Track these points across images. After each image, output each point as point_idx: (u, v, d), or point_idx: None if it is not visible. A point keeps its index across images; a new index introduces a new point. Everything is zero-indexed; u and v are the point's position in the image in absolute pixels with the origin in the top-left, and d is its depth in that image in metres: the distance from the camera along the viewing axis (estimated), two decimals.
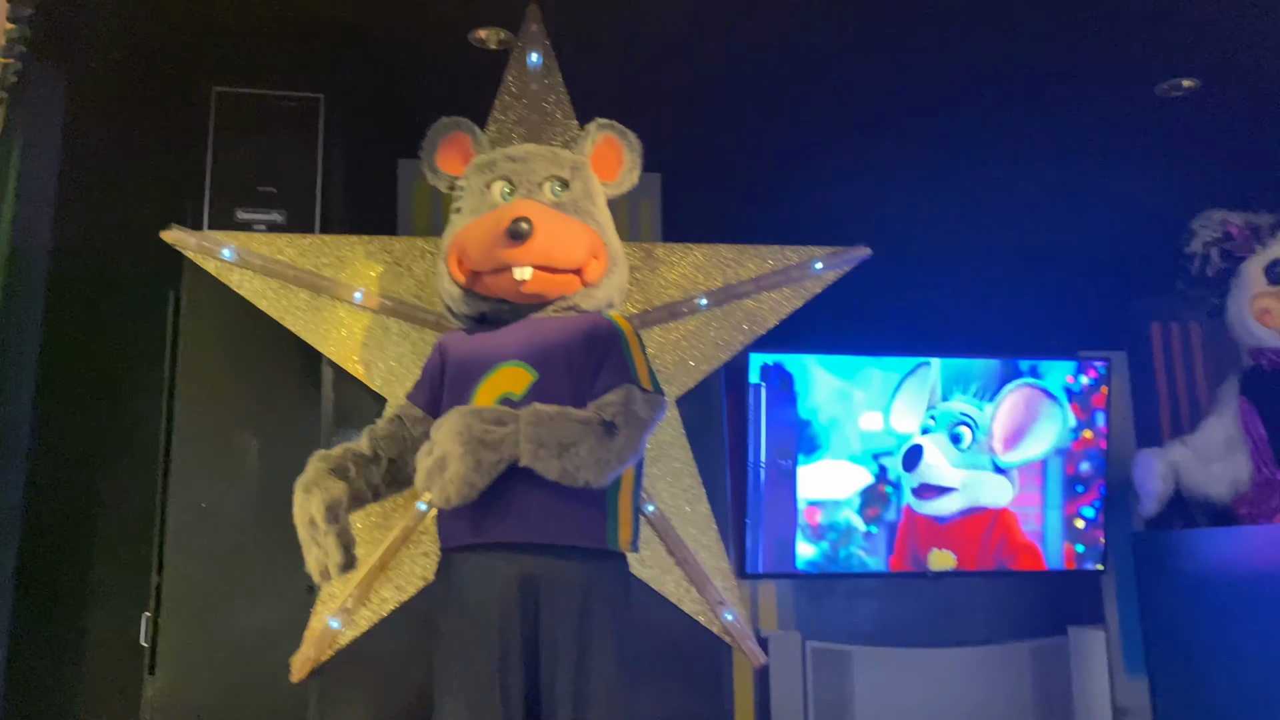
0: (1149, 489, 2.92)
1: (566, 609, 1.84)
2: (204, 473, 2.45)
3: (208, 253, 2.33)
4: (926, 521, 2.89)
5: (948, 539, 2.90)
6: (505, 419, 1.76)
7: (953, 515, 2.90)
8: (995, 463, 2.95)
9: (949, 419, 2.91)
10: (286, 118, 2.72)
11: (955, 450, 2.91)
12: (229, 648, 2.38)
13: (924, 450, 2.88)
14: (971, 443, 2.92)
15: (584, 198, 2.09)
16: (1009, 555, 2.95)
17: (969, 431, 2.92)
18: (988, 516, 2.93)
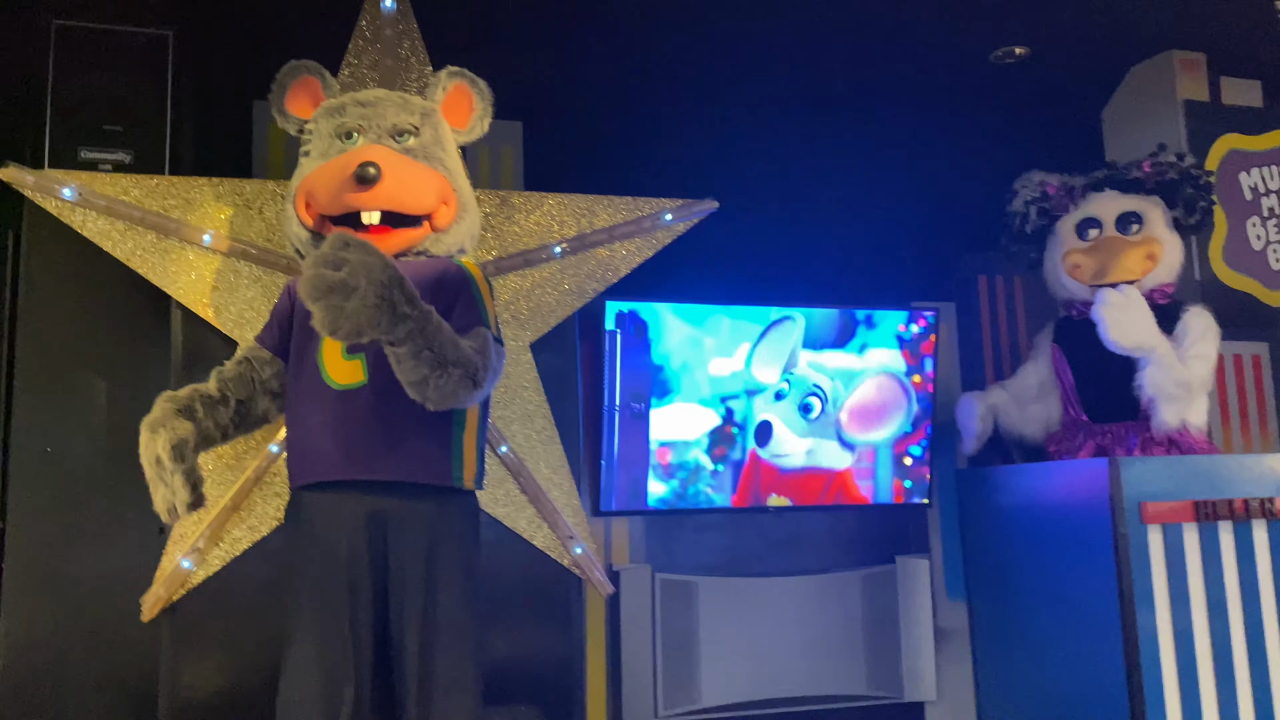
0: (970, 429, 3.17)
1: (414, 544, 1.91)
2: (48, 415, 2.41)
3: (47, 191, 2.27)
4: (770, 468, 3.06)
5: (786, 487, 3.08)
6: (416, 304, 1.72)
7: (794, 469, 3.08)
8: (841, 436, 3.12)
9: (803, 387, 3.06)
10: (134, 54, 2.64)
11: (803, 421, 3.08)
12: (77, 590, 2.37)
13: (773, 426, 3.04)
14: (820, 414, 3.09)
15: (434, 144, 2.13)
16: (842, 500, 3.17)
17: (819, 403, 3.09)
18: (826, 476, 3.11)
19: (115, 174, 2.43)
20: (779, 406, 3.04)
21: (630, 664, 2.93)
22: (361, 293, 1.64)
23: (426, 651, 1.89)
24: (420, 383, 1.78)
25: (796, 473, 3.07)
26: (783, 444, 3.04)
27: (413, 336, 1.73)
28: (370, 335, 1.69)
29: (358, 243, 1.70)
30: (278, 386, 2.05)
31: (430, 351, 1.75)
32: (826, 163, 3.58)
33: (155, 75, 2.65)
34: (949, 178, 3.60)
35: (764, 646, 3.07)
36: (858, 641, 3.17)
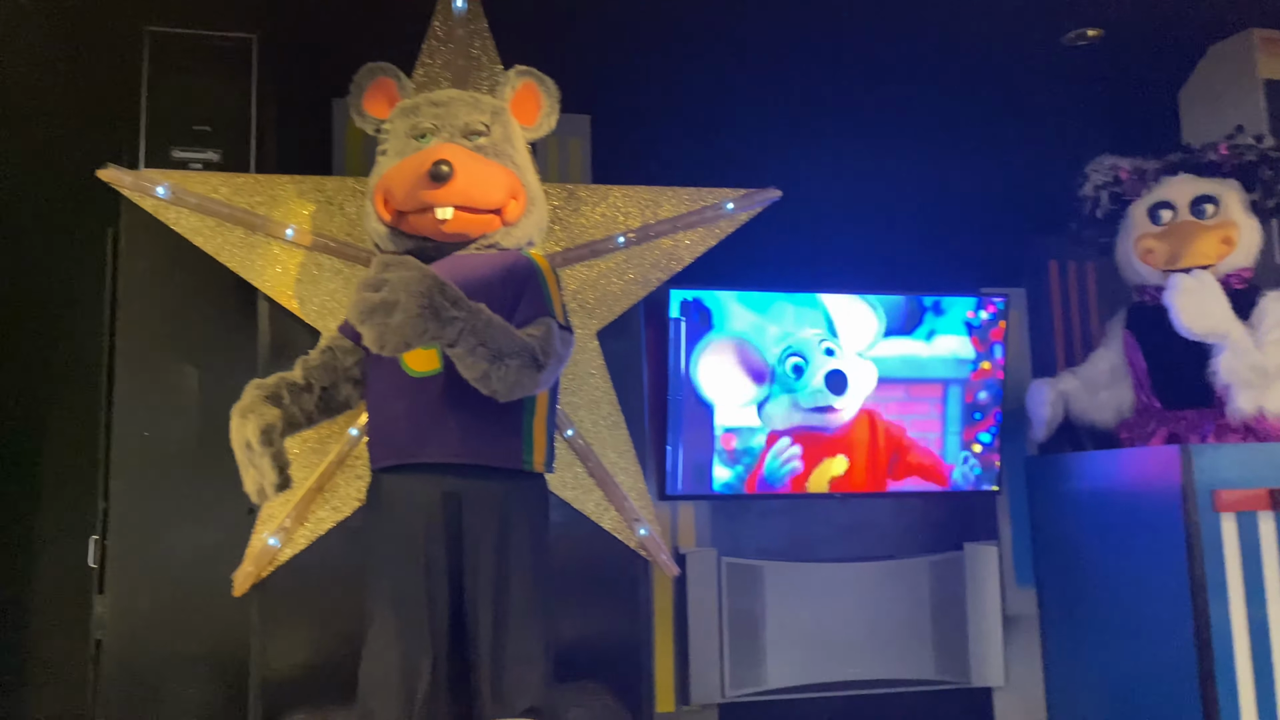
0: (1040, 416, 3.15)
1: (486, 524, 2.00)
2: (146, 402, 2.55)
3: (143, 191, 2.41)
4: (816, 436, 3.07)
5: (839, 446, 3.09)
6: (461, 304, 1.82)
7: (839, 424, 3.08)
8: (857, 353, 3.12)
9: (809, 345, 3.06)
10: (220, 57, 2.75)
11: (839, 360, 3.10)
12: (174, 567, 2.52)
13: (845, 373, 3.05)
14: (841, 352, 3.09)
15: (503, 141, 2.21)
16: (895, 453, 3.14)
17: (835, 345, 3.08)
18: (867, 419, 3.09)
19: (205, 172, 2.55)
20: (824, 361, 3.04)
21: (697, 645, 2.99)
22: (403, 306, 1.76)
23: (499, 627, 1.98)
24: (482, 377, 1.88)
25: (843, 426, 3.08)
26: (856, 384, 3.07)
27: (464, 335, 1.83)
28: (419, 343, 1.80)
29: (397, 261, 1.82)
30: (359, 374, 2.15)
31: (484, 347, 1.85)
32: (893, 148, 3.57)
33: (240, 77, 2.76)
34: (1019, 162, 3.57)
35: (830, 631, 3.10)
36: (925, 627, 3.18)
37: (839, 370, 3.04)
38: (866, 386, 3.10)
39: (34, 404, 3.06)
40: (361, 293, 1.79)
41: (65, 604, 2.93)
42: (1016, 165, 3.58)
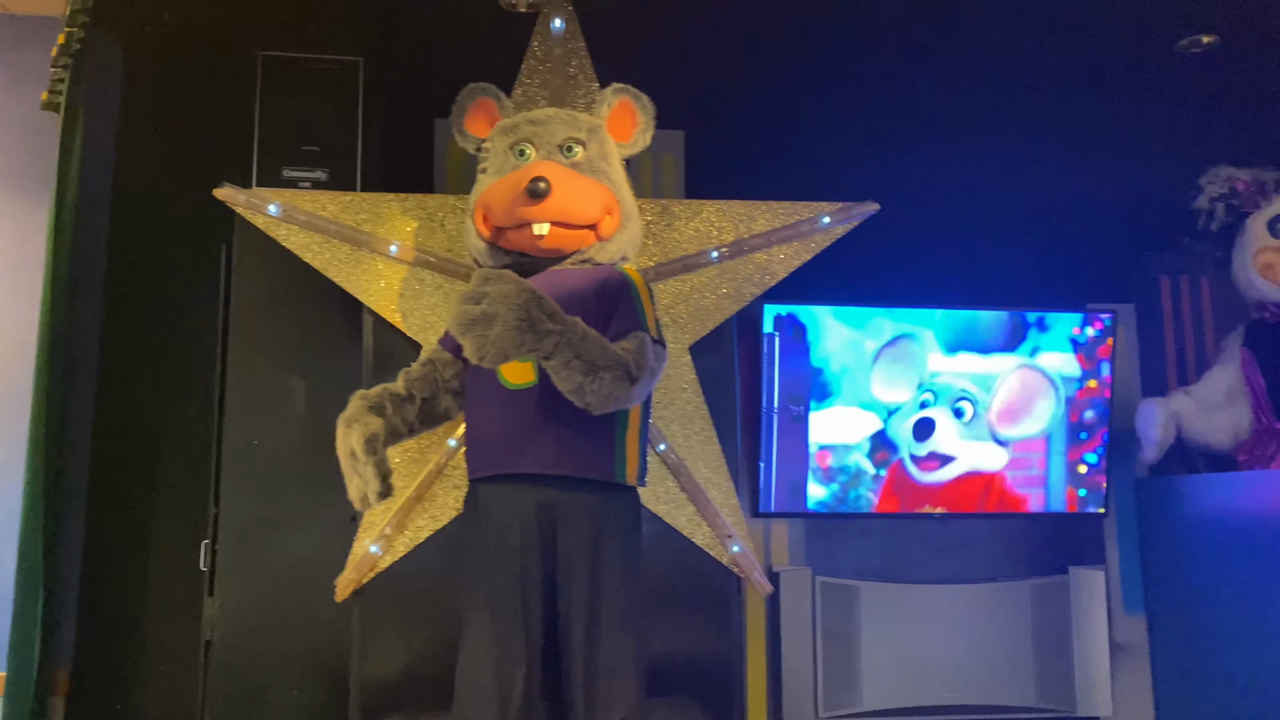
0: (1151, 436, 3.03)
1: (580, 534, 2.01)
2: (255, 412, 2.66)
3: (256, 209, 2.50)
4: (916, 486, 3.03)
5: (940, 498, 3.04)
6: (558, 318, 1.86)
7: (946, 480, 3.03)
8: (995, 436, 3.06)
9: (949, 394, 3.02)
10: (328, 80, 2.85)
11: (959, 424, 3.03)
12: (280, 571, 2.61)
13: (935, 423, 3.01)
14: (973, 418, 3.04)
15: (599, 158, 2.23)
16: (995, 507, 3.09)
17: (970, 406, 3.04)
18: (982, 480, 3.05)
19: (313, 191, 2.64)
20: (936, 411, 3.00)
21: (790, 664, 2.96)
22: (501, 319, 1.79)
23: (591, 638, 1.99)
24: (577, 390, 1.90)
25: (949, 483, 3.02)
26: (942, 443, 3.00)
27: (560, 349, 1.86)
28: (517, 355, 1.84)
29: (496, 275, 1.86)
30: (458, 386, 2.20)
31: (579, 360, 1.88)
32: (995, 159, 3.48)
33: (347, 99, 2.86)
34: (1129, 173, 3.45)
35: (928, 653, 3.04)
36: (1027, 653, 3.09)
37: (930, 419, 3.00)
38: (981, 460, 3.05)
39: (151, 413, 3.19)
40: (462, 306, 1.83)
41: (178, 605, 3.04)
42: (1126, 177, 3.46)
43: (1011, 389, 3.05)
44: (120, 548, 3.12)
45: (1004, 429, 3.06)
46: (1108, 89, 3.41)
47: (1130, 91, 3.42)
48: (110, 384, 3.15)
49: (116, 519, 3.12)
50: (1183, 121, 3.49)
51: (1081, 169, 3.50)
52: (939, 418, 3.00)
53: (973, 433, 3.04)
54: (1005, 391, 3.05)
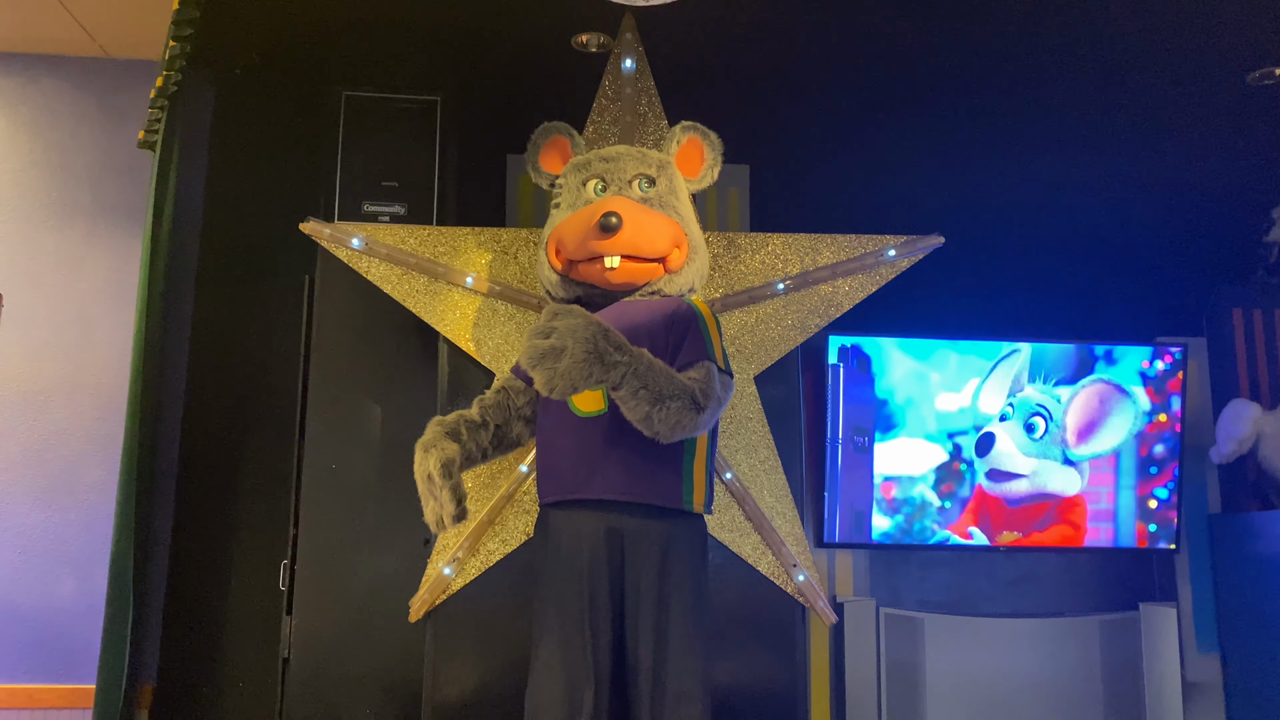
0: (1236, 432, 2.96)
1: (648, 559, 2.06)
2: (334, 437, 2.74)
3: (339, 242, 2.61)
4: (997, 502, 3.01)
5: (1015, 521, 3.02)
6: (625, 350, 1.91)
7: (1022, 498, 3.01)
8: (1067, 455, 3.04)
9: (1026, 408, 3.01)
10: (408, 118, 2.95)
11: (1028, 439, 3.02)
12: (355, 592, 2.68)
13: (996, 438, 2.99)
14: (1044, 434, 3.02)
15: (668, 193, 2.30)
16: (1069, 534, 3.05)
17: (1043, 422, 3.02)
18: (1053, 503, 3.02)
19: (392, 225, 2.74)
20: (1003, 425, 2.99)
21: (854, 696, 2.96)
22: (570, 352, 1.85)
23: (659, 663, 2.02)
24: (645, 419, 1.95)
25: (1023, 503, 3.00)
26: (1004, 459, 2.98)
27: (627, 379, 1.91)
28: (585, 386, 1.89)
29: (564, 310, 1.92)
30: (530, 413, 2.27)
31: (646, 389, 1.93)
32: (1062, 191, 3.48)
33: (425, 136, 2.96)
34: (1200, 205, 3.42)
35: (995, 688, 3.01)
36: (1096, 690, 3.05)
37: (991, 434, 2.99)
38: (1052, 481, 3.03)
39: (235, 437, 3.31)
40: (532, 340, 1.89)
41: (258, 623, 3.15)
42: (1197, 209, 3.43)
43: (1087, 403, 3.02)
44: (203, 567, 3.23)
45: (1078, 446, 3.03)
46: (1178, 121, 3.40)
47: (1201, 123, 3.41)
48: (196, 409, 3.29)
49: (200, 539, 3.24)
50: (1255, 154, 3.46)
51: (1152, 200, 3.48)
52: (999, 433, 2.98)
53: (1041, 450, 3.01)
54: (1079, 405, 3.03)
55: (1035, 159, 3.51)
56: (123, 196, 3.33)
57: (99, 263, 3.29)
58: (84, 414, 3.20)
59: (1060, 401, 3.01)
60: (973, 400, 3.01)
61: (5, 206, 3.29)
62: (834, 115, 3.43)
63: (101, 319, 3.26)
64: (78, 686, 2.99)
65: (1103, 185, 3.50)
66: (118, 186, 3.34)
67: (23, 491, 3.13)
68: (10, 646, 3.04)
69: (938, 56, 3.10)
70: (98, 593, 2.87)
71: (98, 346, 3.24)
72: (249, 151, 3.41)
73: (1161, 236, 3.45)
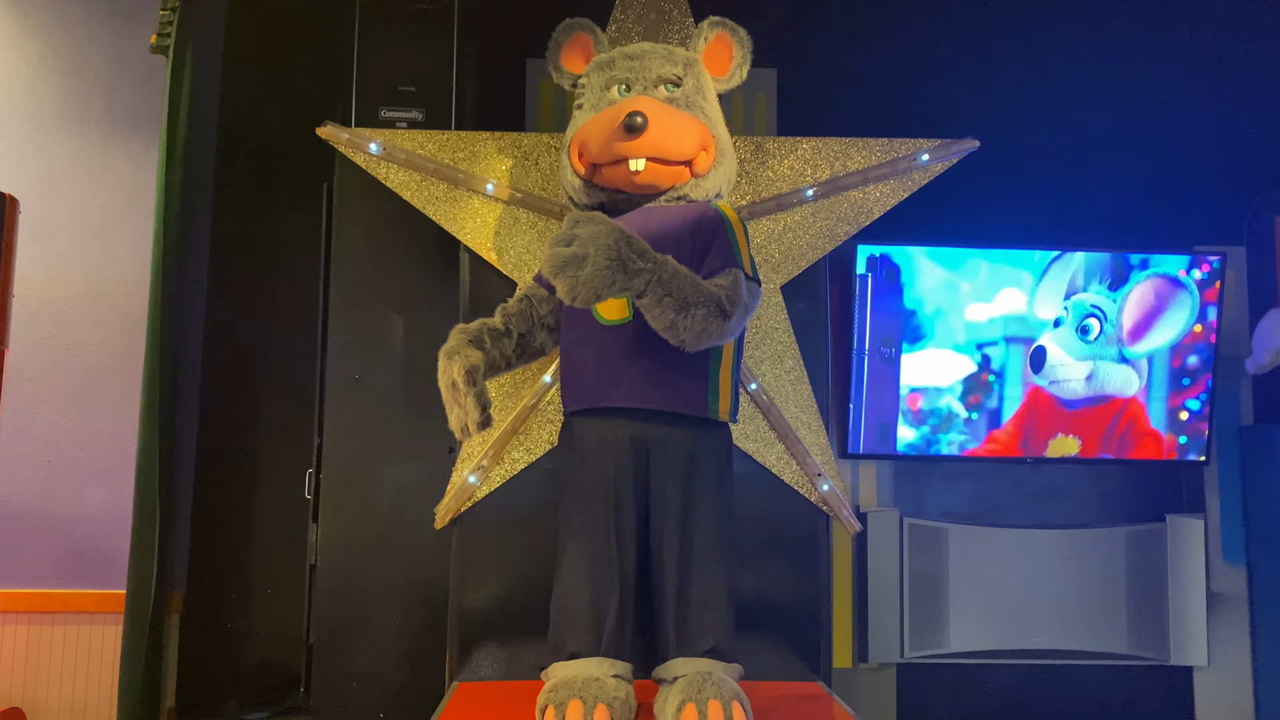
0: (1273, 341, 2.90)
1: (673, 467, 2.05)
2: (356, 347, 2.73)
3: (357, 147, 2.56)
4: (1052, 403, 2.94)
5: (1073, 424, 2.96)
6: (649, 256, 1.87)
7: (1080, 401, 2.95)
8: (1123, 353, 2.96)
9: (1081, 310, 2.94)
10: (424, 22, 2.87)
11: (1081, 343, 2.95)
12: (380, 500, 2.71)
13: (1047, 350, 2.93)
14: (1099, 334, 2.95)
15: (695, 93, 2.22)
16: (1132, 442, 2.99)
17: (1097, 323, 2.95)
18: (1115, 405, 2.96)
19: (411, 130, 2.69)
20: (1055, 333, 2.93)
21: (876, 605, 2.97)
22: (592, 260, 1.80)
23: (683, 569, 2.03)
24: (670, 327, 1.92)
25: (1082, 406, 2.94)
26: (1058, 369, 2.93)
27: (651, 286, 1.87)
28: (608, 295, 1.85)
29: (586, 217, 1.87)
30: (554, 322, 2.24)
31: (671, 297, 1.88)
32: (1095, 94, 3.35)
33: (442, 40, 2.87)
34: (1240, 108, 3.29)
35: (1017, 598, 3.02)
36: (1120, 600, 3.05)
37: (1042, 348, 2.93)
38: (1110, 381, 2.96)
39: (257, 347, 3.31)
40: (553, 248, 1.85)
41: (285, 531, 3.19)
42: (1238, 112, 3.30)
43: (1142, 298, 2.95)
44: (229, 475, 3.27)
45: (1133, 344, 2.96)
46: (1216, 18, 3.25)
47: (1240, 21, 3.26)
48: (218, 318, 3.29)
49: (226, 448, 3.27)
50: None
51: (1190, 103, 3.35)
52: (1049, 344, 2.92)
53: (1095, 351, 2.95)
54: (1134, 301, 2.95)
55: (1068, 62, 3.38)
56: (138, 103, 3.27)
57: (115, 172, 3.25)
58: (106, 325, 3.19)
59: (1115, 301, 2.93)
60: (1028, 307, 2.93)
61: (18, 115, 3.24)
62: (864, 16, 3.32)
63: (120, 229, 3.23)
64: (110, 592, 3.04)
65: (1140, 87, 3.37)
66: (133, 93, 3.28)
67: (49, 403, 3.15)
68: (43, 554, 3.09)
69: None
70: (126, 501, 2.90)
71: (117, 257, 3.22)
72: (263, 57, 3.34)
73: (1202, 140, 3.33)
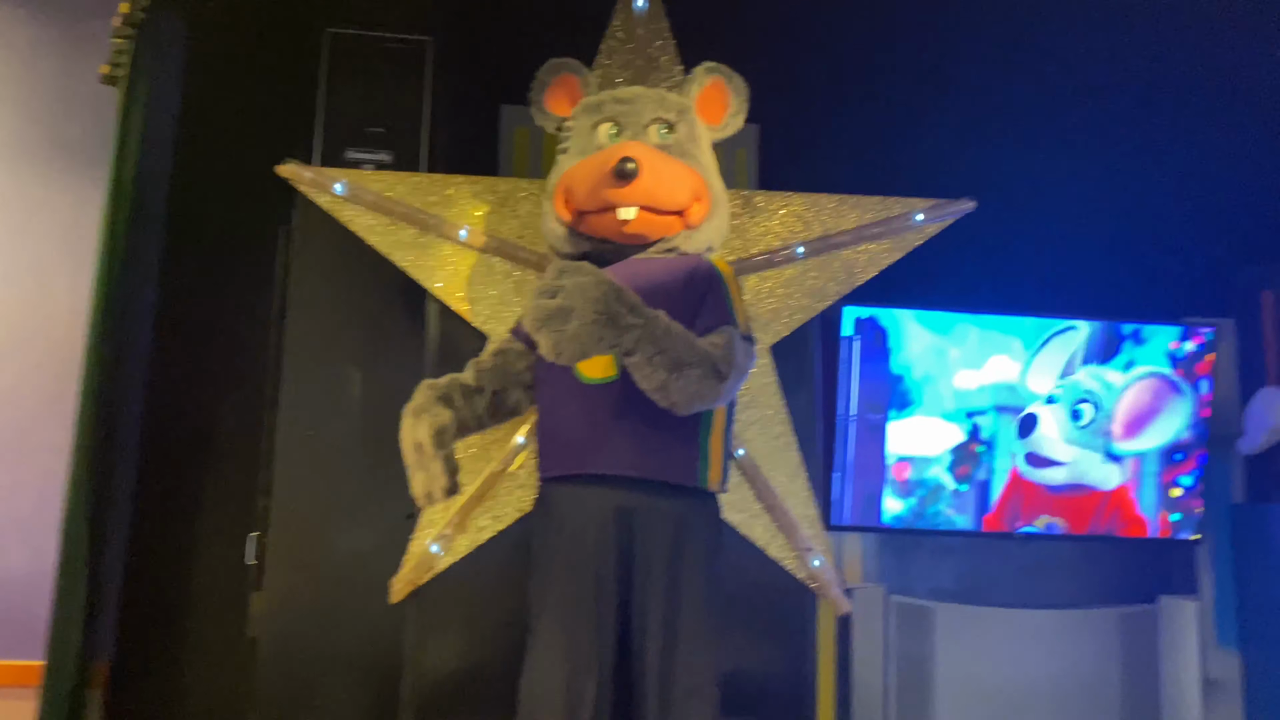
0: (1268, 420, 2.84)
1: (660, 541, 1.88)
2: (311, 401, 2.54)
3: (320, 188, 2.40)
4: (1034, 488, 2.85)
5: (1057, 507, 2.86)
6: (639, 311, 1.74)
7: (1061, 486, 2.85)
8: (1109, 449, 2.89)
9: (1076, 393, 2.85)
10: (396, 59, 2.76)
11: (1072, 426, 2.86)
12: (331, 568, 2.49)
13: (1039, 420, 2.83)
14: (1091, 421, 2.86)
15: (689, 140, 2.10)
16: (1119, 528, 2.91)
17: (1091, 409, 2.86)
18: (1098, 497, 2.88)
19: (380, 172, 2.54)
20: (1050, 408, 2.83)
21: (861, 687, 2.81)
22: (579, 313, 1.68)
23: (668, 653, 1.86)
24: (660, 388, 1.78)
25: (1065, 491, 2.84)
26: (1045, 443, 2.83)
27: (642, 343, 1.73)
28: (596, 352, 1.72)
29: (573, 267, 1.74)
30: (530, 379, 2.08)
31: (663, 355, 1.75)
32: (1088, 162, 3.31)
33: (414, 80, 2.76)
34: (1228, 180, 3.27)
35: (1006, 682, 2.88)
36: (1112, 685, 2.92)
37: (1033, 416, 2.82)
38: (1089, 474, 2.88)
39: (202, 400, 3.11)
40: (537, 299, 1.72)
41: (224, 600, 2.95)
42: (1225, 183, 3.28)
43: (1139, 397, 2.87)
44: (167, 537, 3.03)
45: (1123, 441, 2.87)
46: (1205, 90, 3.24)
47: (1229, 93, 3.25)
48: (162, 367, 3.07)
49: (164, 506, 3.03)
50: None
51: (1179, 175, 3.33)
52: (1044, 415, 2.82)
53: (1085, 440, 2.85)
54: (1131, 398, 2.87)
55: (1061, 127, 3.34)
56: (86, 136, 3.09)
57: (56, 208, 3.05)
58: (38, 370, 2.96)
59: (1112, 389, 2.84)
60: (1020, 377, 2.83)
61: None
62: (851, 74, 3.25)
63: (59, 268, 3.02)
64: (25, 663, 2.77)
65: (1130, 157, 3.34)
66: (81, 125, 3.09)
67: None
68: None
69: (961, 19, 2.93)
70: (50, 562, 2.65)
71: (54, 298, 3.00)
72: (223, 91, 3.17)
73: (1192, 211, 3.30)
